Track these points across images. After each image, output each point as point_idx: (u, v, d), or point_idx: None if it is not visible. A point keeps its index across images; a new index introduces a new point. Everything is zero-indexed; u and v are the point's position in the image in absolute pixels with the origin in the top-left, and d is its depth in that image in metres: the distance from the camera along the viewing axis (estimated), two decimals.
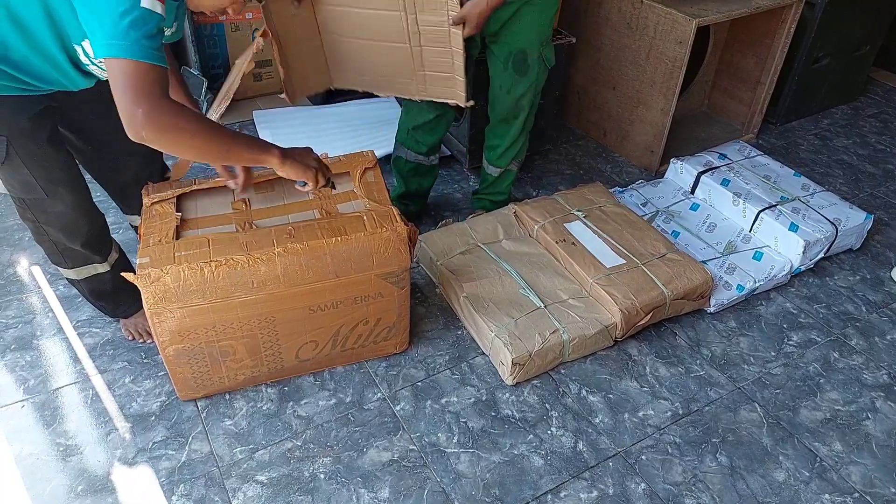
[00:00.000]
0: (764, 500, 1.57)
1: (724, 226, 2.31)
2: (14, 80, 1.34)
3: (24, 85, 1.36)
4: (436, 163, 2.27)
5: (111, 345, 1.89)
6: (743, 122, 3.00)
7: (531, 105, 2.09)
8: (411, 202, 2.36)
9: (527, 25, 1.90)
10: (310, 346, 1.72)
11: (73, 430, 1.67)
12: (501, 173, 2.27)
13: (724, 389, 1.84)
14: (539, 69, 2.00)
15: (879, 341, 2.01)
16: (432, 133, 2.15)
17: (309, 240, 1.56)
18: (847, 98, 3.29)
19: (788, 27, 2.65)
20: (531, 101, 2.07)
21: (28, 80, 1.35)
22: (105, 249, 1.74)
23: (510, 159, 2.22)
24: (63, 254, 1.68)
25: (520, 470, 1.62)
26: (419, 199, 2.38)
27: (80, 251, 1.67)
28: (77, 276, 1.74)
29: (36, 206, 1.55)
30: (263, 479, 1.57)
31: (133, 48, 1.12)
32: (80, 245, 1.65)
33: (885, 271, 2.27)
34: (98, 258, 1.72)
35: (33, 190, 1.50)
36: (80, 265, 1.72)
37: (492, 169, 2.27)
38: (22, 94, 1.38)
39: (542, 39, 1.95)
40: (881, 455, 1.69)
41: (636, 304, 1.87)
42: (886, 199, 2.64)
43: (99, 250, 1.72)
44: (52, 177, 1.50)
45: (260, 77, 3.07)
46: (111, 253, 1.77)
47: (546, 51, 1.99)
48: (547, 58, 2.00)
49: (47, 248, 1.68)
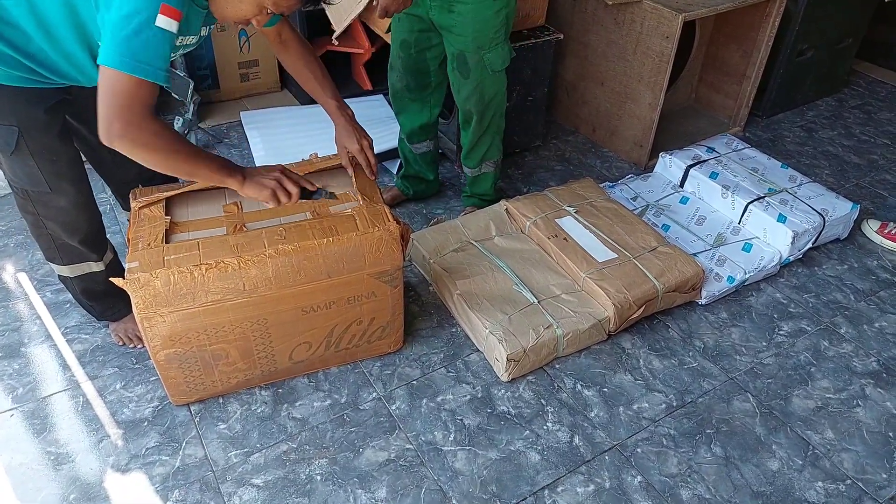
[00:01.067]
0: (758, 489, 1.59)
1: (714, 218, 2.32)
2: (31, 73, 1.35)
3: (41, 77, 1.37)
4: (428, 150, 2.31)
5: (101, 350, 1.87)
6: (730, 115, 3.02)
7: (485, 109, 2.04)
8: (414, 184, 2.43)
9: (462, 26, 1.87)
10: (303, 348, 1.71)
11: (64, 438, 1.65)
12: (477, 175, 2.27)
13: (717, 380, 1.85)
14: (482, 74, 1.94)
15: (868, 329, 2.03)
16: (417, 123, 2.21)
17: (300, 241, 1.55)
18: (831, 90, 3.32)
19: (773, 20, 2.67)
20: (481, 106, 2.03)
21: (44, 73, 1.36)
22: (101, 248, 1.74)
23: (478, 161, 2.22)
24: (60, 249, 1.67)
25: (517, 466, 1.62)
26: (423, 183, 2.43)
27: (78, 248, 1.66)
28: (71, 273, 1.73)
29: (38, 199, 1.55)
30: (259, 482, 1.56)
31: (131, 64, 1.16)
32: (78, 241, 1.65)
33: (872, 260, 2.29)
34: (94, 256, 1.71)
35: (38, 182, 1.50)
36: (75, 262, 1.71)
37: (466, 169, 2.28)
38: (38, 87, 1.39)
39: (481, 43, 1.89)
40: (872, 442, 1.70)
41: (629, 297, 1.88)
42: (872, 189, 2.67)
43: (95, 248, 1.71)
44: (58, 171, 1.51)
45: (247, 77, 3.05)
46: (107, 252, 1.77)
47: (488, 55, 1.92)
48: (489, 62, 1.93)
49: (44, 243, 1.67)
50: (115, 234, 2.19)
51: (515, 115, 2.63)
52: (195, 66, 2.92)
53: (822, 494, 1.58)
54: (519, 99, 2.59)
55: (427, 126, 2.23)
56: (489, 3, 1.84)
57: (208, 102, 3.01)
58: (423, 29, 1.95)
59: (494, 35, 1.90)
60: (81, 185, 1.59)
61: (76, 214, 1.60)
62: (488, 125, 2.11)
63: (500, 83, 2.04)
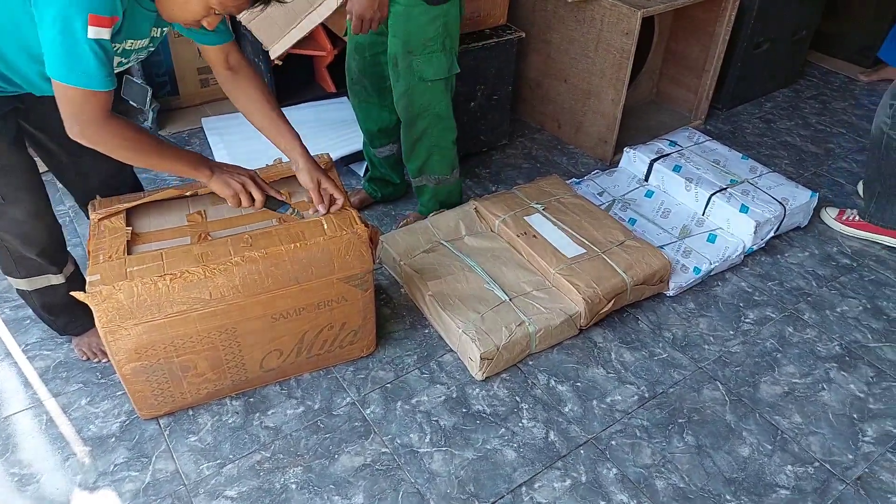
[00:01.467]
0: (731, 475, 1.62)
1: (679, 211, 2.36)
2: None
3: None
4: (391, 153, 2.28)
5: (64, 366, 1.82)
6: (691, 108, 3.07)
7: (415, 118, 1.99)
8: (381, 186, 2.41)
9: (395, 27, 1.85)
10: (274, 355, 1.69)
11: (27, 458, 1.60)
12: (419, 185, 2.22)
13: (687, 370, 1.88)
14: (410, 79, 1.90)
15: (830, 314, 2.09)
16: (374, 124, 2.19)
17: (267, 247, 1.53)
18: (787, 81, 3.40)
19: (729, 14, 2.72)
20: (409, 113, 1.98)
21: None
22: (61, 260, 1.69)
23: (416, 170, 2.16)
24: (17, 262, 1.63)
25: (493, 464, 1.62)
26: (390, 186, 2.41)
27: (36, 260, 1.62)
28: (29, 286, 1.68)
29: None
30: (233, 493, 1.53)
31: (74, 76, 1.20)
32: (35, 254, 1.60)
33: (831, 247, 2.36)
34: (54, 269, 1.67)
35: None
36: (33, 275, 1.66)
37: (408, 174, 2.25)
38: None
39: (411, 47, 1.85)
40: (837, 424, 1.75)
41: (598, 292, 1.90)
42: (830, 177, 2.74)
43: (55, 261, 1.66)
44: (13, 182, 1.48)
45: (207, 83, 3.00)
46: (67, 265, 1.72)
47: (418, 60, 1.87)
48: (418, 69, 1.88)
49: (0, 256, 1.62)
50: (75, 247, 2.13)
51: (481, 114, 2.64)
52: (153, 72, 2.85)
53: (791, 478, 1.62)
54: (484, 98, 2.60)
55: (387, 130, 2.20)
56: (424, 8, 1.80)
57: (168, 109, 2.95)
58: (377, 32, 1.92)
59: (428, 42, 1.85)
60: (38, 197, 1.55)
61: (33, 225, 1.56)
62: (420, 136, 2.04)
63: (432, 95, 1.95)
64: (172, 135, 2.82)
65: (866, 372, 1.89)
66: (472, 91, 2.55)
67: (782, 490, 1.59)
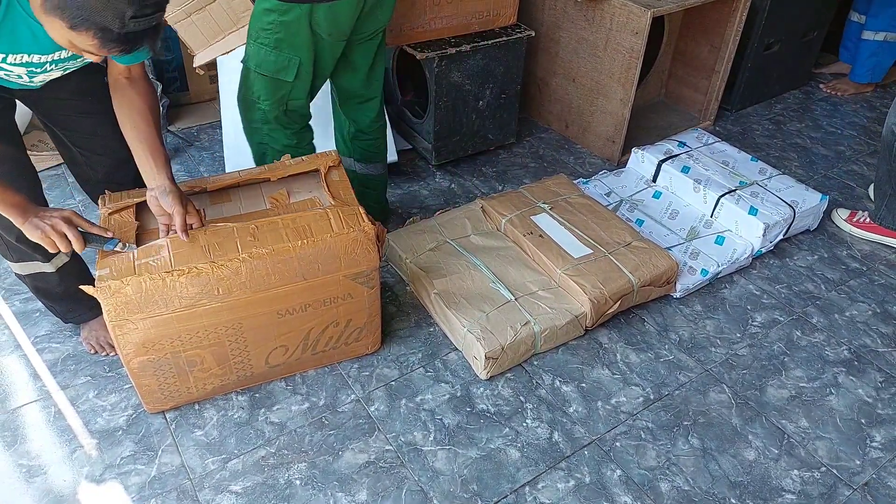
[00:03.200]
0: (736, 479, 1.61)
1: (686, 212, 2.35)
2: None
3: None
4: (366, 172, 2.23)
5: (72, 359, 1.83)
6: (700, 109, 3.06)
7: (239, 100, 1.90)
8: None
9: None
10: (280, 351, 1.70)
11: (35, 449, 1.61)
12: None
13: (693, 373, 1.87)
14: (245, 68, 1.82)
15: (839, 318, 2.07)
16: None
17: (274, 244, 1.53)
18: (798, 83, 3.38)
19: (740, 15, 2.71)
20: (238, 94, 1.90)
21: None
22: (44, 250, 1.67)
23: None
24: (7, 245, 1.64)
25: (497, 464, 1.62)
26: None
27: (18, 246, 1.62)
28: (21, 270, 1.71)
29: None
30: (238, 489, 1.54)
31: None
32: (14, 239, 1.60)
33: (841, 250, 2.34)
34: (39, 257, 1.67)
35: None
36: (24, 260, 1.67)
37: None
38: None
39: (250, 29, 1.77)
40: (845, 429, 1.74)
41: (604, 292, 1.89)
42: (840, 180, 2.72)
43: (36, 248, 1.61)
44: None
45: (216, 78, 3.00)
46: (58, 256, 1.70)
47: (249, 43, 1.78)
48: (246, 51, 1.80)
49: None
50: None
51: (489, 113, 2.64)
52: (164, 68, 2.87)
53: (797, 482, 1.61)
54: (493, 96, 2.60)
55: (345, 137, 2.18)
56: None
57: (178, 105, 2.97)
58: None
59: (255, 31, 1.76)
60: (21, 182, 1.52)
61: None
62: (242, 121, 1.94)
63: (248, 82, 1.84)
64: (182, 130, 2.84)
65: (875, 377, 1.88)
66: (482, 90, 2.55)
67: (788, 495, 1.58)
